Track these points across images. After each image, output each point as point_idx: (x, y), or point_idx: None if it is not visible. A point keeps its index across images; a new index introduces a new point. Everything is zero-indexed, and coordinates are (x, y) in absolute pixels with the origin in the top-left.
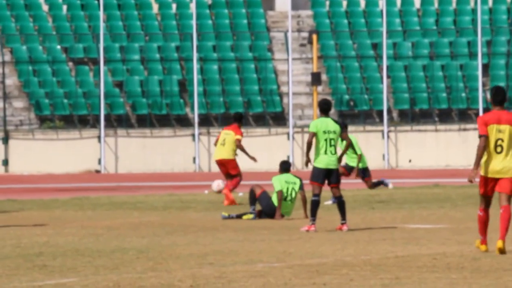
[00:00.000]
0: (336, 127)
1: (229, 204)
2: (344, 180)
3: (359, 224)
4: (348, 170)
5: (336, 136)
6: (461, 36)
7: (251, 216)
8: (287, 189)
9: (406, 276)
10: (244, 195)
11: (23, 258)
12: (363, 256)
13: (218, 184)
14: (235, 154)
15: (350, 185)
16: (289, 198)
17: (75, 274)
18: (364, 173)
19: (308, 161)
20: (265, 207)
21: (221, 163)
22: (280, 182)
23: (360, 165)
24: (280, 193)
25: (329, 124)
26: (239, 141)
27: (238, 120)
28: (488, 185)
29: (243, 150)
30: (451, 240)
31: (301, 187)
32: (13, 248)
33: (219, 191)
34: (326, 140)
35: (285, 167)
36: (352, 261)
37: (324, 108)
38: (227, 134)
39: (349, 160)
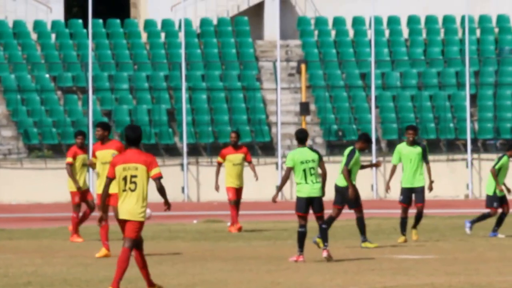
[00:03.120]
0: (314, 156)
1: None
2: (329, 210)
3: (348, 255)
4: None
5: (315, 165)
6: (449, 66)
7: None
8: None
9: None
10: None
11: None
12: (351, 287)
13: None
14: None
15: (342, 216)
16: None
17: None
18: (502, 200)
19: (276, 196)
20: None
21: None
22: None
23: (498, 193)
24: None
25: (306, 154)
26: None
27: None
28: None
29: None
30: (439, 271)
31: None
32: (1, 278)
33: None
34: (304, 170)
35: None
36: None
37: (301, 137)
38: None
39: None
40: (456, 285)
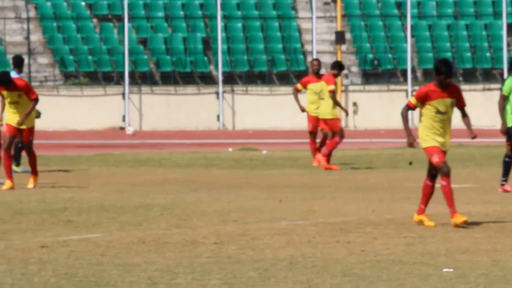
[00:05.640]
0: None
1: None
2: (364, 139)
3: (383, 183)
4: None
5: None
6: None
7: None
8: None
9: (429, 235)
10: (267, 153)
11: (48, 213)
12: (387, 215)
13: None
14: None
15: (374, 144)
16: None
17: (99, 230)
18: None
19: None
20: None
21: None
22: None
23: None
24: None
25: None
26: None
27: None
28: None
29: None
30: (475, 200)
31: None
32: (38, 204)
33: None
34: None
35: None
36: (376, 219)
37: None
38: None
39: None
40: (493, 213)
